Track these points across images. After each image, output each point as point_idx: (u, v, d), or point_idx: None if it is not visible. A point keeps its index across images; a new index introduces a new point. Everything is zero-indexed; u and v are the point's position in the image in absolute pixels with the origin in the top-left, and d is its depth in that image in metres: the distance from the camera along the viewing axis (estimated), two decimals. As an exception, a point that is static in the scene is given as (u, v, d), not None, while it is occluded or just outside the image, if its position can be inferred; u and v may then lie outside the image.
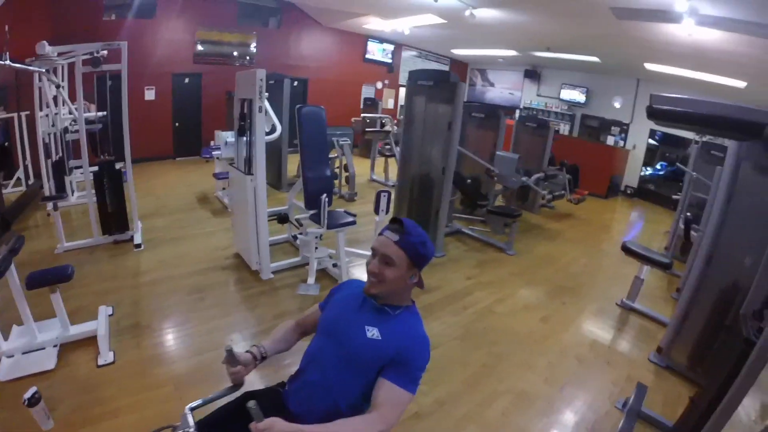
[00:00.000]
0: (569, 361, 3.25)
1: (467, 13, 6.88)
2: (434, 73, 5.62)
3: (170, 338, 2.97)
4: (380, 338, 1.39)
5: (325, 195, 3.58)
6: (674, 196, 6.94)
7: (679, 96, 1.87)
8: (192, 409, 1.37)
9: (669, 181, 10.43)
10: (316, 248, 3.96)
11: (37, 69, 3.73)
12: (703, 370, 2.89)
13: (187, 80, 8.34)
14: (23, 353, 2.57)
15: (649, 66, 8.63)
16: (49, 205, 4.94)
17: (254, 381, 2.48)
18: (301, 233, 4.09)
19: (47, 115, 5.26)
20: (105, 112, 5.47)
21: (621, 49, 7.80)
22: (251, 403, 1.21)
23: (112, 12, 7.18)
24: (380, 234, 1.45)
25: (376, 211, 3.97)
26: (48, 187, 5.08)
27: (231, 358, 1.42)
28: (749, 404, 2.77)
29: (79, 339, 2.74)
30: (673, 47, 6.51)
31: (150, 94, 7.65)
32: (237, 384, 1.47)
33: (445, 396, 2.65)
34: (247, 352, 1.48)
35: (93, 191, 4.24)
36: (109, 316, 3.04)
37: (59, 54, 3.90)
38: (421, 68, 12.00)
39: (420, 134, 5.10)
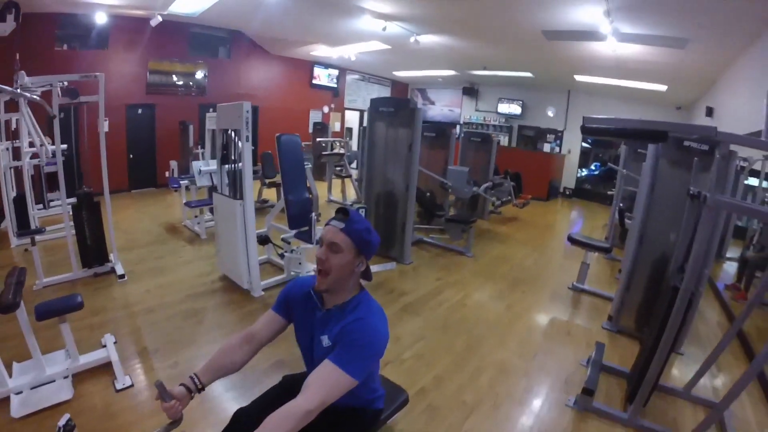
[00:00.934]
0: (536, 336, 3.83)
1: (412, 39, 7.48)
2: (395, 100, 6.18)
3: (183, 359, 3.03)
4: (331, 343, 1.48)
5: (313, 214, 3.94)
6: (609, 192, 7.81)
7: (603, 117, 2.45)
8: None
9: (603, 180, 11.49)
10: (300, 263, 4.29)
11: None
12: (648, 329, 3.46)
13: (140, 111, 8.37)
14: (32, 388, 2.51)
15: (579, 78, 9.63)
16: (15, 241, 4.91)
17: (296, 368, 2.73)
18: (288, 251, 4.37)
19: (8, 149, 5.14)
20: (65, 145, 5.48)
21: (552, 64, 8.70)
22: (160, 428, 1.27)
23: (65, 42, 7.17)
24: (326, 224, 1.51)
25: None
26: (11, 225, 4.94)
27: (163, 392, 1.40)
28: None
29: (88, 368, 2.73)
30: (599, 61, 7.44)
31: (104, 126, 7.62)
32: (175, 420, 1.45)
33: (441, 373, 3.09)
34: (180, 385, 1.48)
35: (71, 224, 4.20)
36: (113, 344, 3.01)
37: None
38: (375, 95, 12.70)
39: (383, 156, 5.54)
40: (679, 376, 3.22)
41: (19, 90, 3.47)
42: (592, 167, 12.30)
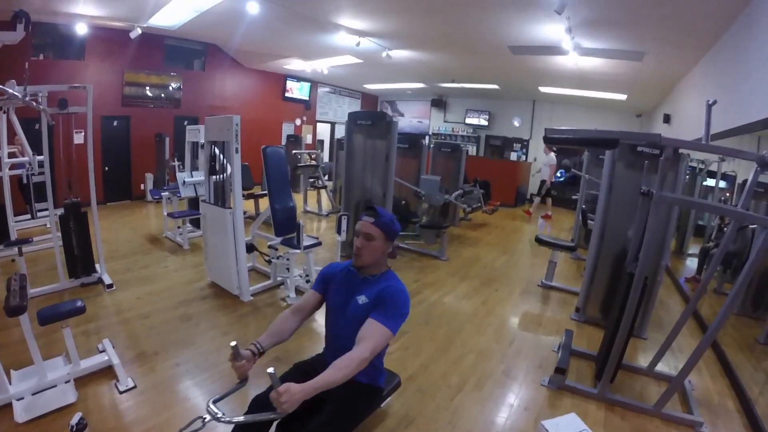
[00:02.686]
0: (510, 327, 4.20)
1: (384, 54, 7.79)
2: (372, 114, 6.50)
3: (184, 358, 3.14)
4: (367, 300, 1.86)
5: (301, 221, 4.15)
6: (574, 197, 8.28)
7: (563, 128, 2.83)
8: (215, 402, 1.55)
9: (568, 186, 11.96)
10: (288, 269, 4.46)
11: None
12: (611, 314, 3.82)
13: (115, 123, 8.37)
14: (33, 394, 2.53)
15: (543, 89, 10.18)
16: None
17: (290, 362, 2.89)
18: (275, 258, 4.55)
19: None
20: (41, 157, 5.46)
21: (518, 76, 9.19)
22: (270, 370, 1.44)
23: (41, 52, 7.15)
24: (360, 219, 1.92)
25: (338, 231, 4.57)
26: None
27: (236, 353, 1.67)
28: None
29: (88, 373, 2.79)
30: (562, 73, 7.94)
31: (79, 138, 7.57)
32: (243, 378, 1.72)
33: (426, 360, 3.37)
34: (246, 349, 1.76)
35: (59, 234, 4.22)
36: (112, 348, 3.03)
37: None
38: (346, 108, 13.09)
39: (360, 166, 5.81)
40: (644, 359, 3.59)
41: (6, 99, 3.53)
42: (558, 174, 12.85)
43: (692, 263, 6.29)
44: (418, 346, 3.59)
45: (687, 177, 5.53)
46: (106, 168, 8.35)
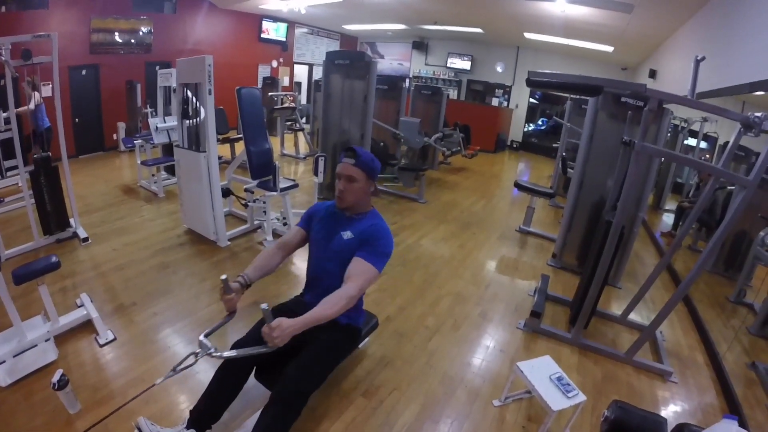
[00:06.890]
0: (487, 270, 4.28)
1: (365, -8, 7.42)
2: (350, 53, 6.27)
3: (162, 307, 3.12)
4: (353, 237, 1.89)
5: (278, 163, 4.08)
6: (555, 145, 8.30)
7: (546, 71, 2.78)
8: (206, 335, 1.62)
9: (550, 135, 12.00)
10: (264, 212, 4.43)
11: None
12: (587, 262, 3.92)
13: (84, 72, 7.89)
14: (14, 356, 2.47)
15: (529, 35, 9.90)
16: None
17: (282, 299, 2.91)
18: (251, 201, 4.48)
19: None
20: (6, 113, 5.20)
21: (503, 21, 8.90)
22: (264, 306, 1.47)
23: (2, 5, 6.61)
24: (340, 162, 1.90)
25: (315, 173, 4.47)
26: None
27: (226, 286, 1.70)
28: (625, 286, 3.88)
29: (69, 329, 2.75)
30: (548, 20, 7.71)
31: (46, 91, 7.19)
32: (231, 311, 1.78)
33: (403, 303, 3.45)
34: (234, 281, 1.79)
35: (30, 191, 4.03)
36: (90, 302, 2.96)
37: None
38: (324, 49, 12.71)
39: (338, 107, 5.67)
40: (617, 307, 3.70)
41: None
42: (540, 122, 12.82)
43: (669, 219, 6.43)
44: (395, 288, 3.67)
45: (669, 134, 5.57)
46: (77, 120, 7.94)
